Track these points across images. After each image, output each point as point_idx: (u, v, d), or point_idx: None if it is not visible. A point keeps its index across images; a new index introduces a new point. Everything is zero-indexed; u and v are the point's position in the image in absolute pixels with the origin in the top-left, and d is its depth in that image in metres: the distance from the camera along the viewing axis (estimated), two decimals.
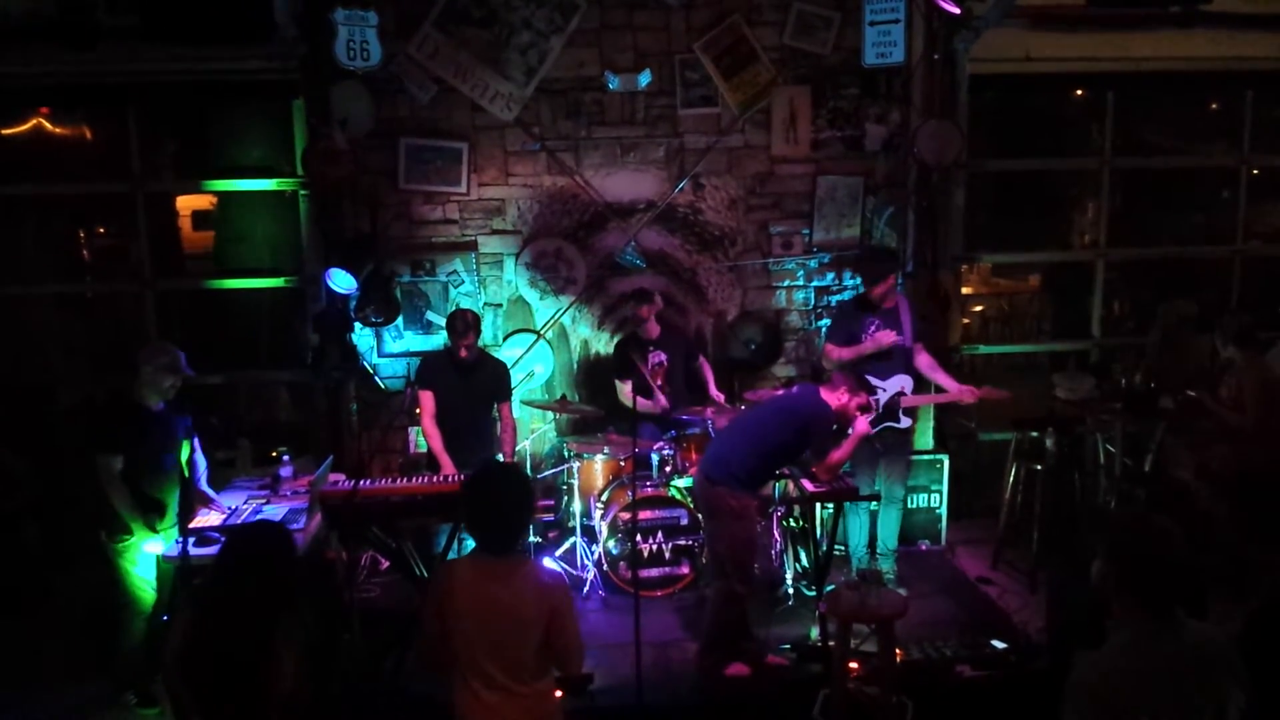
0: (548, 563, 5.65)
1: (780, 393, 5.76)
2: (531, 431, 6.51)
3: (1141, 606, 2.42)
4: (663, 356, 6.04)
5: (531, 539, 5.87)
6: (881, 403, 5.52)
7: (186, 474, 4.70)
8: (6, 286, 6.63)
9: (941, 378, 5.66)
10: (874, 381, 5.52)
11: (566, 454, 6.09)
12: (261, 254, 6.83)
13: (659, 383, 5.95)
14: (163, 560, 4.55)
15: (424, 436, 5.53)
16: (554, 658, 3.02)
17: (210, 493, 4.90)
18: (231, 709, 2.79)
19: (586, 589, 5.63)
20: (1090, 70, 6.87)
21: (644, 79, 6.42)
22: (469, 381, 5.51)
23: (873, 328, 5.57)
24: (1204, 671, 2.39)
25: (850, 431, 4.87)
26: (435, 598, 3.02)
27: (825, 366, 6.06)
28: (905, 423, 5.65)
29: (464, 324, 5.38)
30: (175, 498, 4.67)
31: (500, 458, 5.70)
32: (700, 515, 5.28)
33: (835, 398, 4.74)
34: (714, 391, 6.18)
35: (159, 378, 4.57)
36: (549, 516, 6.26)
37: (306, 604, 3.07)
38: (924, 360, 5.69)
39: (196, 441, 4.75)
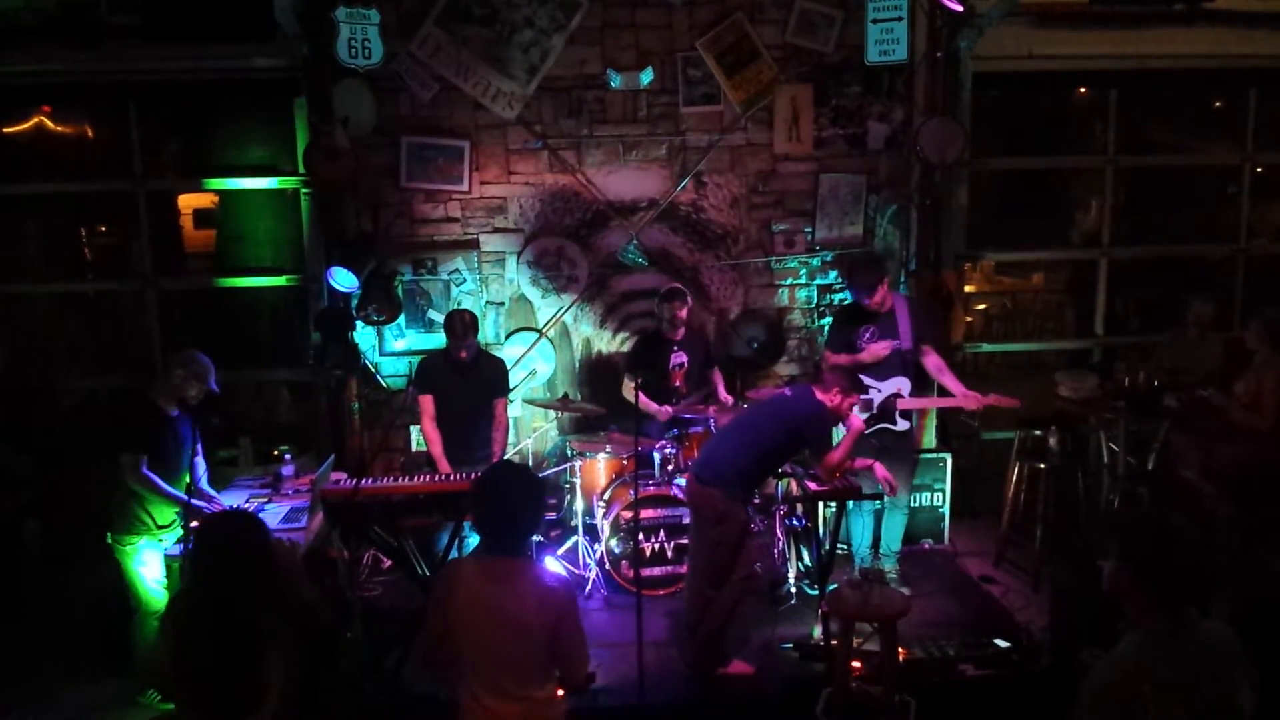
0: (550, 562, 5.66)
1: (774, 393, 5.74)
2: (534, 430, 6.50)
3: (1158, 606, 2.40)
4: (684, 358, 6.01)
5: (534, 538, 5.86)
6: (876, 404, 5.49)
7: (188, 478, 4.72)
8: (8, 285, 6.64)
9: (949, 381, 5.60)
10: (870, 383, 5.48)
11: (569, 453, 6.09)
12: (263, 252, 6.84)
13: (678, 383, 5.92)
14: (165, 558, 4.57)
15: (424, 440, 5.52)
16: (557, 665, 2.96)
17: (211, 493, 4.90)
18: (226, 709, 2.77)
19: (589, 588, 5.62)
20: (1093, 68, 6.86)
21: (646, 77, 6.40)
22: (468, 381, 5.50)
23: (868, 335, 5.53)
24: (1219, 669, 2.38)
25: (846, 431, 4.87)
26: (438, 597, 2.97)
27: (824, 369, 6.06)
28: (903, 425, 5.61)
29: (463, 326, 5.37)
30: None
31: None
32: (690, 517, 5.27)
33: (829, 398, 4.71)
34: (723, 395, 6.15)
35: (187, 385, 4.61)
36: (552, 515, 6.25)
37: (300, 604, 2.99)
38: (932, 362, 5.61)
39: (200, 445, 4.78)
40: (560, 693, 3.08)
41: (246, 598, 2.79)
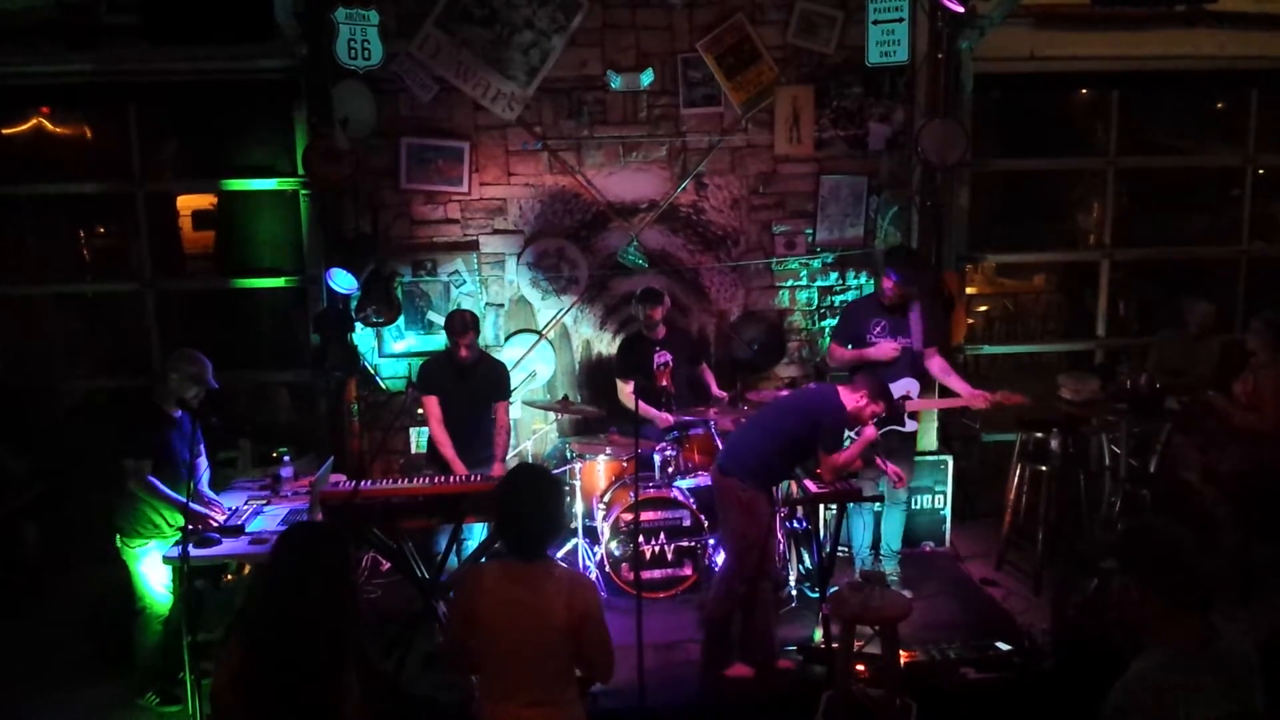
0: None
1: (795, 391, 5.73)
2: (533, 432, 6.49)
3: (1173, 613, 2.38)
4: (668, 357, 6.01)
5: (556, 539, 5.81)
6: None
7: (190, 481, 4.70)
8: (7, 286, 6.63)
9: (955, 382, 5.61)
10: None
11: (569, 455, 6.07)
12: (262, 254, 6.82)
13: (664, 383, 5.91)
14: (164, 560, 4.55)
15: (435, 443, 5.47)
16: (585, 665, 2.96)
17: (211, 495, 4.89)
18: None
19: None
20: (1095, 69, 6.85)
21: (646, 78, 6.39)
22: (469, 382, 5.49)
23: (878, 329, 5.53)
24: (1241, 671, 2.37)
25: (856, 435, 4.86)
26: (460, 602, 2.97)
27: (829, 365, 6.05)
28: (911, 426, 5.61)
29: (462, 324, 5.36)
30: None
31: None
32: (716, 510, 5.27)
33: (854, 399, 4.73)
34: (717, 392, 6.15)
35: (184, 386, 4.57)
36: None
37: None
38: (937, 364, 5.64)
39: (201, 447, 4.74)
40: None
41: (330, 612, 2.69)
